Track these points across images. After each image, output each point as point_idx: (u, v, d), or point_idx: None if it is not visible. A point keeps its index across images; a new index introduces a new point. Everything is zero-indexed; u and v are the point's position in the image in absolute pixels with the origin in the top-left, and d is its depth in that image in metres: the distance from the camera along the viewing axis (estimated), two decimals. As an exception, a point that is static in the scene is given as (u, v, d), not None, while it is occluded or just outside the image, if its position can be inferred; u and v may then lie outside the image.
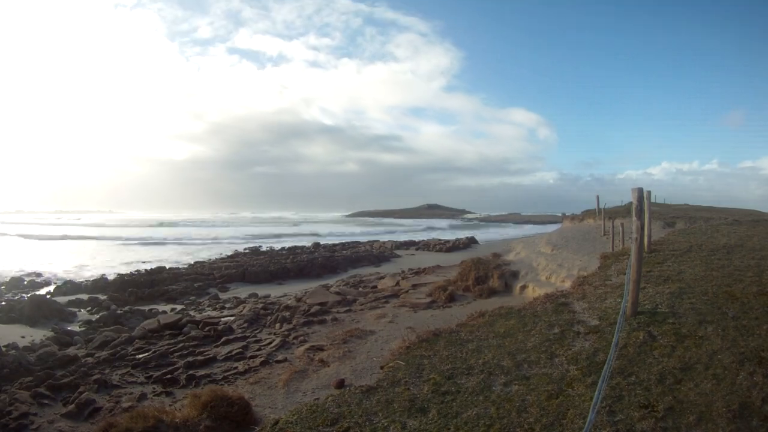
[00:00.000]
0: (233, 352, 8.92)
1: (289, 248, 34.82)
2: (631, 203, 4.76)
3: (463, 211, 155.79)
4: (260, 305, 13.25)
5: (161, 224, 74.19)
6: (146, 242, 40.51)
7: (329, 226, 75.73)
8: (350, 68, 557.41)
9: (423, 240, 41.43)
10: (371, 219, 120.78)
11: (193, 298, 16.98)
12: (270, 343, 9.37)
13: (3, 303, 14.62)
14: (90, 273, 22.45)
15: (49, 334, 11.27)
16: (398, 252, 31.81)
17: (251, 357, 8.64)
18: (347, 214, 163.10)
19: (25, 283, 19.63)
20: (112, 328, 11.64)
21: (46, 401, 6.88)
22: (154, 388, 7.48)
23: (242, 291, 18.04)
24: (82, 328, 12.28)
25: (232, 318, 11.78)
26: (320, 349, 8.24)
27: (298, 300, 13.57)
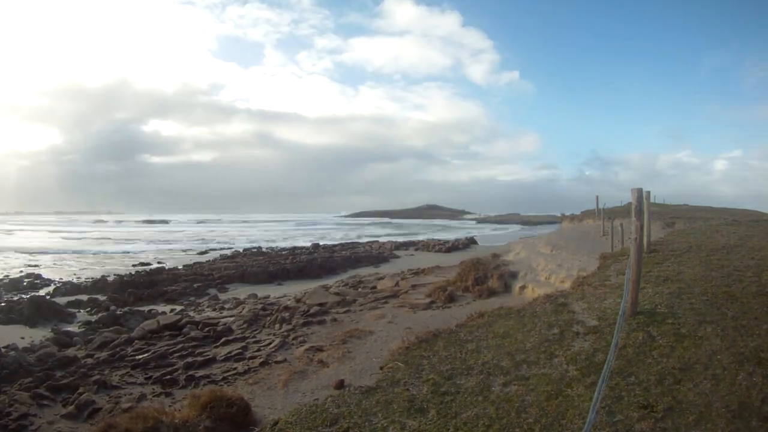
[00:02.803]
0: (233, 353, 8.91)
1: (289, 249, 34.85)
2: (630, 203, 4.77)
3: (463, 212, 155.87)
4: (259, 306, 13.24)
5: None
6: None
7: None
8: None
9: (422, 240, 41.43)
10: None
11: (192, 298, 16.97)
12: (269, 343, 9.36)
13: (3, 304, 14.61)
14: (89, 274, 22.44)
15: (49, 334, 11.27)
16: (397, 252, 31.81)
17: (251, 358, 8.63)
18: (346, 214, 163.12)
19: (25, 284, 19.62)
20: (111, 328, 11.62)
21: (45, 402, 6.87)
22: (153, 389, 7.47)
23: (241, 291, 18.03)
24: (82, 329, 12.27)
25: (231, 319, 11.76)
26: (320, 349, 8.23)
27: (298, 301, 13.56)
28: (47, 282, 20.30)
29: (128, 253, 34.79)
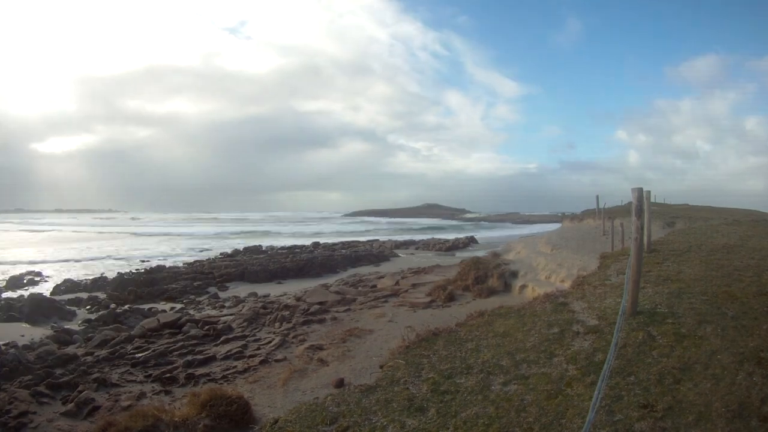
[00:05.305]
0: (232, 351, 8.92)
1: (289, 247, 34.84)
2: (630, 203, 4.76)
3: (464, 211, 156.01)
4: (260, 304, 13.25)
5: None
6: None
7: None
8: None
9: (423, 240, 41.43)
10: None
11: (192, 297, 16.97)
12: (269, 342, 9.37)
13: (2, 302, 14.61)
14: (89, 272, 22.45)
15: (49, 332, 11.28)
16: (398, 251, 31.82)
17: (250, 356, 8.64)
18: (347, 213, 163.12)
19: (25, 281, 19.63)
20: (111, 326, 11.63)
21: (45, 400, 6.88)
22: (153, 387, 7.48)
23: (242, 290, 18.04)
24: (82, 327, 12.27)
25: (231, 317, 11.78)
26: (319, 348, 8.24)
27: (298, 299, 13.58)
28: (47, 279, 20.31)
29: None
